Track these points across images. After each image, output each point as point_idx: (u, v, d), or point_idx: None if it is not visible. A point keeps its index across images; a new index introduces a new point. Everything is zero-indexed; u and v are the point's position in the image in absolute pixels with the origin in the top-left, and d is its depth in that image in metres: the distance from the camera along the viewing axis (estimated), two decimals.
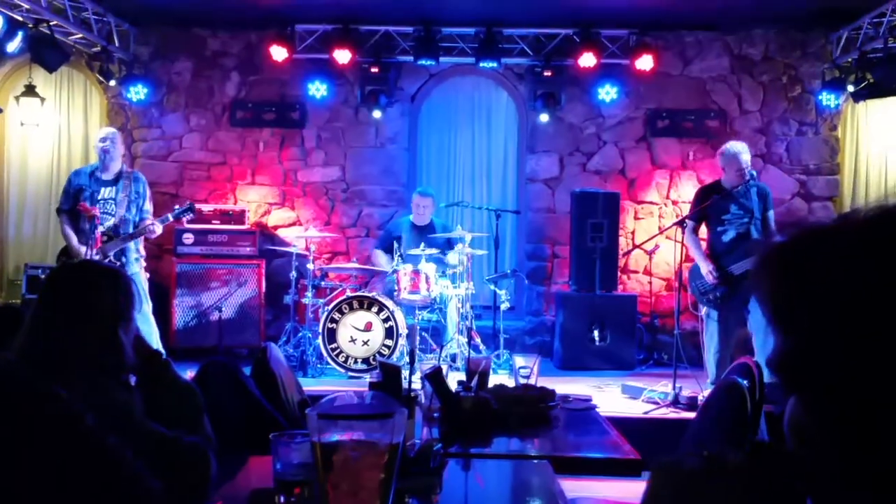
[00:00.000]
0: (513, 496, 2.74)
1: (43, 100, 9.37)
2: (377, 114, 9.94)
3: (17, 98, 9.27)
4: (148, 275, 7.73)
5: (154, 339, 7.08)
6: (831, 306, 0.76)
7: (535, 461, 2.93)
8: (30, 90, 9.18)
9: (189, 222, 9.01)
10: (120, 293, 2.40)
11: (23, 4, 7.85)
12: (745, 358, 3.49)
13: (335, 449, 1.87)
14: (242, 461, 2.76)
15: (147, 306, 7.23)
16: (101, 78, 9.69)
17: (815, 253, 0.79)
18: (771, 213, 7.28)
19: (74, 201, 7.43)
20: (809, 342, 0.79)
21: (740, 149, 7.26)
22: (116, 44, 9.53)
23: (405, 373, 3.23)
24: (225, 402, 3.40)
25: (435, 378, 3.44)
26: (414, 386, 3.30)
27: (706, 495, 0.91)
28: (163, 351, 2.79)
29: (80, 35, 8.94)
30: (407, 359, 3.39)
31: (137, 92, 9.72)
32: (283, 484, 2.06)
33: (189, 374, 3.48)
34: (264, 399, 3.66)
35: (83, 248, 7.24)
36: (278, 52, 9.56)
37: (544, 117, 9.87)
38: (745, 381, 3.31)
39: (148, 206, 7.60)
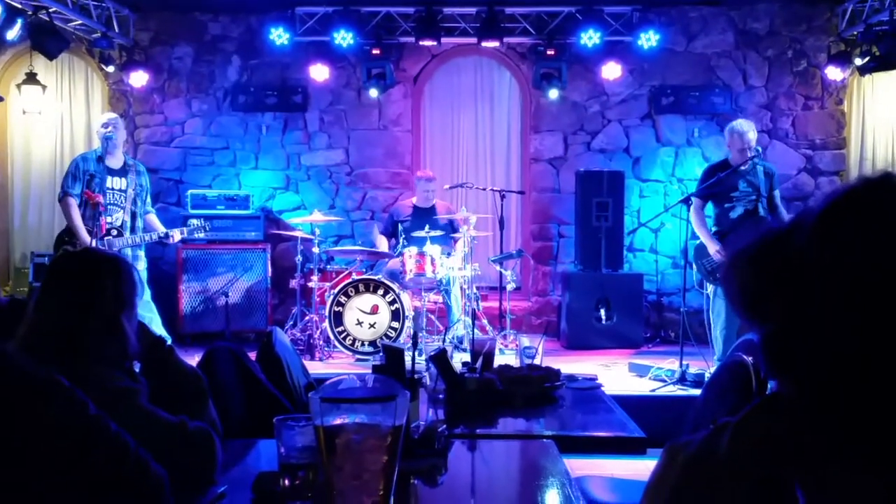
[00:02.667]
0: (519, 476, 2.75)
1: (44, 87, 9.37)
2: (378, 95, 9.93)
3: (18, 86, 9.27)
4: (147, 262, 7.76)
5: (156, 325, 7.10)
6: (799, 296, 0.80)
7: (541, 441, 2.94)
8: (31, 78, 9.19)
9: (194, 208, 9.04)
10: (121, 280, 2.41)
11: None
12: (750, 336, 3.50)
13: (338, 432, 1.88)
14: (249, 445, 2.78)
15: (147, 293, 7.26)
16: (101, 64, 9.73)
17: (778, 252, 0.83)
18: (777, 193, 7.27)
19: (83, 185, 7.40)
20: (784, 327, 0.81)
21: (746, 128, 7.21)
22: (116, 30, 9.53)
23: (409, 355, 3.24)
24: (230, 386, 3.42)
25: (439, 360, 3.46)
26: (418, 368, 3.31)
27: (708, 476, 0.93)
28: (167, 337, 2.81)
29: (79, 21, 8.95)
30: (412, 340, 3.42)
31: (138, 78, 9.72)
32: (287, 467, 2.07)
33: (196, 359, 3.50)
34: (270, 383, 3.68)
35: (87, 238, 7.23)
36: (279, 35, 9.55)
37: (553, 93, 9.80)
38: (750, 358, 3.32)
39: (148, 199, 7.66)
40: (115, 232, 7.32)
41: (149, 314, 7.04)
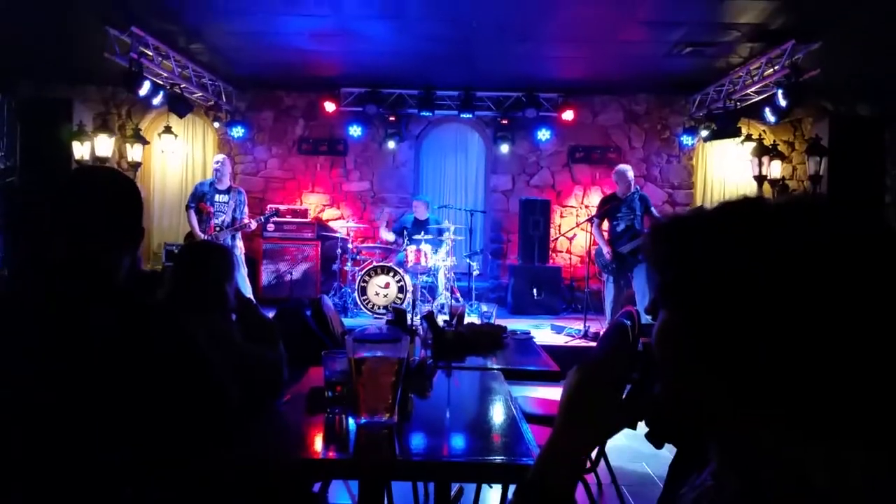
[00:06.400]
0: (478, 394, 2.77)
1: (176, 136, 9.35)
2: (394, 146, 9.92)
3: (159, 135, 9.27)
4: (244, 250, 7.78)
5: (248, 293, 7.09)
6: (691, 268, 0.76)
7: (493, 372, 2.96)
8: (167, 130, 9.18)
9: (268, 218, 9.02)
10: (225, 261, 2.43)
11: (163, 73, 7.81)
12: (629, 307, 3.53)
13: (363, 361, 1.90)
14: (304, 370, 2.79)
15: (243, 270, 7.30)
16: (213, 122, 9.68)
17: (679, 231, 0.79)
18: (653, 209, 7.32)
19: (197, 202, 7.46)
20: (677, 280, 0.78)
21: (625, 169, 7.28)
22: (224, 100, 9.48)
23: (409, 314, 3.25)
24: (294, 332, 3.43)
25: (429, 318, 3.47)
26: (415, 323, 3.32)
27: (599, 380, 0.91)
28: (253, 299, 2.81)
29: (199, 94, 8.91)
30: (411, 305, 3.42)
31: (237, 131, 9.68)
32: (330, 384, 2.09)
33: (271, 314, 3.50)
34: (319, 330, 3.68)
35: (201, 234, 7.29)
36: (329, 106, 9.54)
37: (505, 148, 9.84)
38: (628, 322, 3.35)
39: (245, 210, 7.66)
40: (219, 228, 7.37)
41: (243, 285, 7.03)
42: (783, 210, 0.74)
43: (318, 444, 1.96)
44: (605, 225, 7.39)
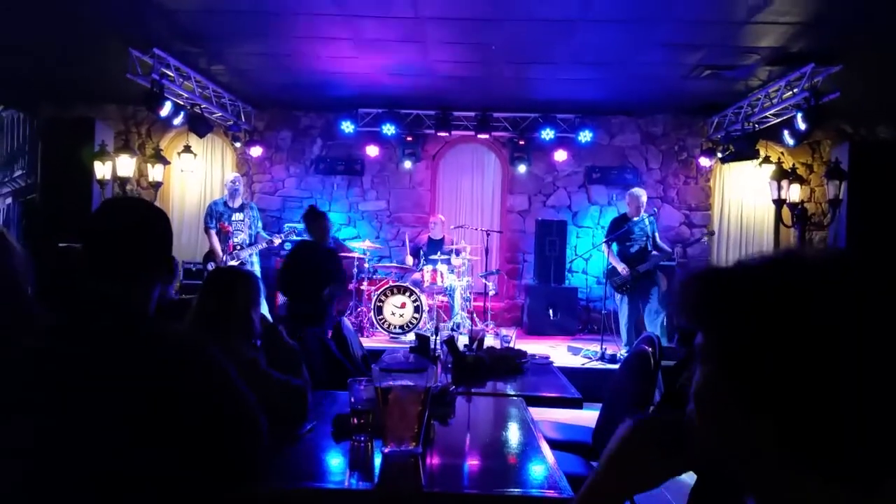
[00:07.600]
0: (499, 420, 2.77)
1: (195, 155, 9.43)
2: (410, 166, 9.97)
3: (178, 154, 9.33)
4: (260, 267, 7.88)
5: (265, 312, 7.15)
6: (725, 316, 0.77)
7: (513, 397, 2.96)
8: (187, 149, 9.24)
9: (288, 236, 9.07)
10: (252, 288, 2.45)
11: (183, 94, 7.92)
12: (649, 332, 3.52)
13: (389, 390, 1.92)
14: (327, 395, 2.80)
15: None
16: (232, 141, 9.77)
17: (719, 286, 0.80)
18: (657, 234, 7.39)
19: (217, 222, 7.56)
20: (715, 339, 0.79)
21: (639, 193, 7.36)
22: (243, 120, 9.58)
23: (433, 339, 3.26)
24: (316, 356, 3.44)
25: (449, 343, 3.48)
26: (436, 346, 3.33)
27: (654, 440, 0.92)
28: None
29: (219, 114, 9.00)
30: (433, 331, 3.45)
31: (255, 151, 9.77)
32: (356, 412, 2.09)
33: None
34: (340, 355, 3.70)
35: (222, 254, 7.41)
36: (347, 126, 9.59)
37: (522, 169, 9.86)
38: (648, 349, 3.35)
39: (259, 226, 7.79)
40: (239, 247, 7.47)
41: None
42: (822, 265, 0.75)
43: (343, 472, 1.96)
44: (615, 246, 7.40)
